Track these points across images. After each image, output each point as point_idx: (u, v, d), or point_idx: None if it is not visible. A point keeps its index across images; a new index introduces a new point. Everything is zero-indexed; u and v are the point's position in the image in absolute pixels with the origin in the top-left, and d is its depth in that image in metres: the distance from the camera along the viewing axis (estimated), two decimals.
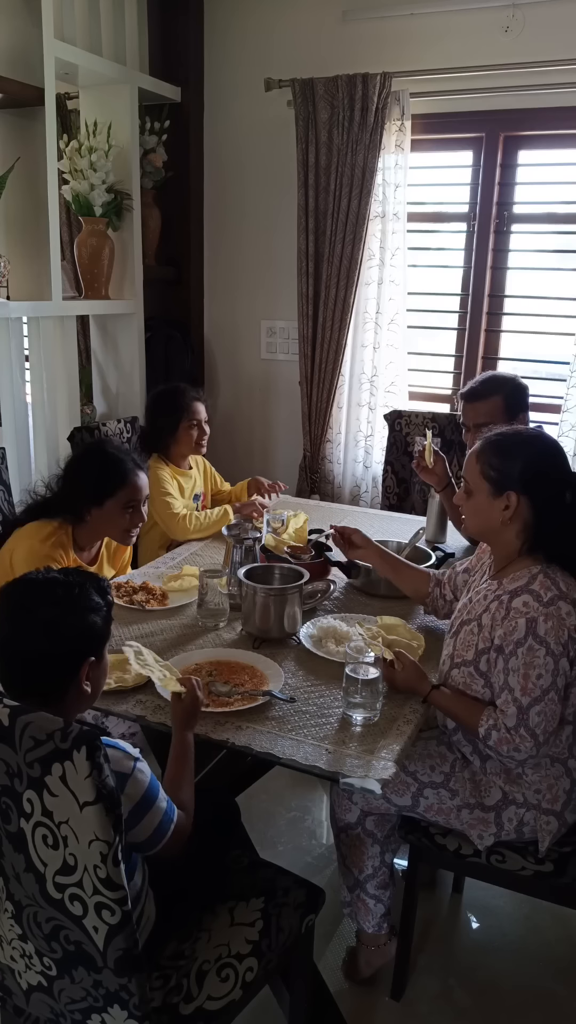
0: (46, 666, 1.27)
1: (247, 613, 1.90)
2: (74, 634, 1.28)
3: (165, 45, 3.44)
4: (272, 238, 3.58)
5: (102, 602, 1.34)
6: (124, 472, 2.09)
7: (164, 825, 1.29)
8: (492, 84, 2.99)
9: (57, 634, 1.27)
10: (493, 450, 1.63)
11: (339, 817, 1.84)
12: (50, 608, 1.28)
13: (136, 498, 2.11)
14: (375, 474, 3.49)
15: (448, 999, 1.92)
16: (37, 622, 1.26)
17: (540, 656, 1.50)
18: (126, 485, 2.09)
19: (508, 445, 1.63)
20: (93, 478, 2.09)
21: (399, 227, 3.24)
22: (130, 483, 2.09)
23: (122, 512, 2.10)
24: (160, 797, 1.29)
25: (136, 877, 1.31)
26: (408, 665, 1.67)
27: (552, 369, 3.24)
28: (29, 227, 2.87)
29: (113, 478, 2.08)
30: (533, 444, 1.64)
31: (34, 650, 1.26)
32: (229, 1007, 1.35)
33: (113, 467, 2.10)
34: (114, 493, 2.07)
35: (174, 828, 1.30)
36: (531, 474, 1.59)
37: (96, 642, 1.33)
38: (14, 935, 1.26)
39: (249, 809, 2.33)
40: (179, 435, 2.76)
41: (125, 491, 2.09)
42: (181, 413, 2.75)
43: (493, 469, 1.61)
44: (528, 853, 1.68)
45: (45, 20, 2.70)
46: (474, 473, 1.65)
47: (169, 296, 3.71)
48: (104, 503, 2.07)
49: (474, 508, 1.67)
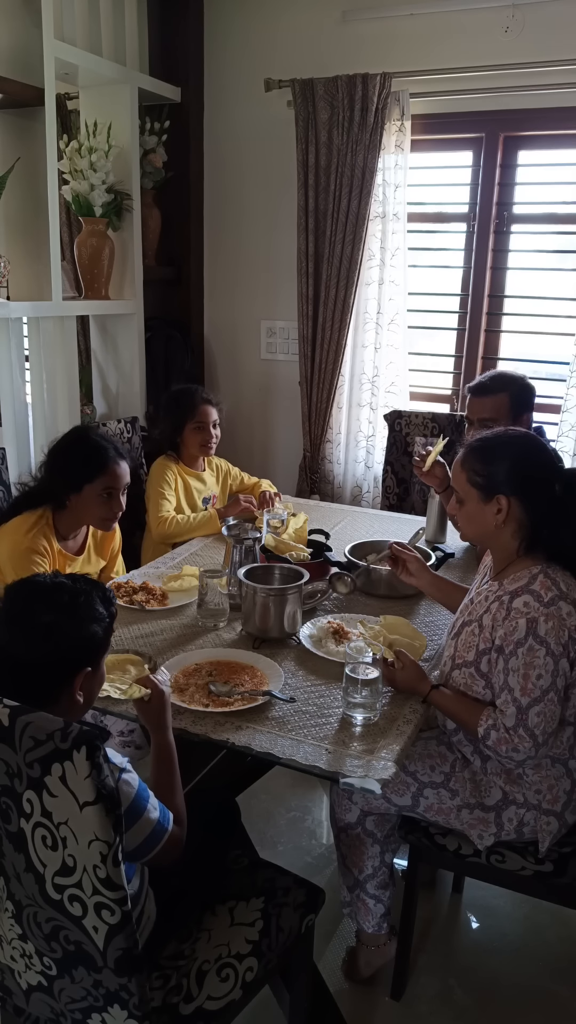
0: (40, 672, 1.25)
1: (247, 613, 1.90)
2: (72, 642, 1.27)
3: (165, 45, 3.44)
4: (272, 238, 3.58)
5: (105, 613, 1.33)
6: (104, 459, 2.11)
7: (157, 834, 1.27)
8: (492, 84, 2.99)
9: (55, 640, 1.26)
10: (476, 456, 1.64)
11: (339, 817, 1.84)
12: (51, 613, 1.27)
13: (114, 485, 2.12)
14: (375, 474, 3.49)
15: (448, 999, 1.92)
16: (37, 626, 1.26)
17: (540, 656, 1.50)
18: (105, 471, 2.11)
19: (490, 449, 1.63)
20: (73, 463, 2.11)
21: (399, 227, 3.24)
22: (109, 470, 2.11)
23: (99, 498, 2.11)
24: (150, 806, 1.26)
25: (135, 878, 1.31)
26: (408, 665, 1.67)
27: (552, 369, 3.24)
28: (29, 227, 2.87)
29: (92, 463, 2.10)
30: (514, 444, 1.64)
31: (29, 654, 1.25)
32: (229, 1007, 1.36)
33: (93, 453, 2.12)
34: (92, 478, 2.09)
35: (168, 837, 1.29)
36: (517, 474, 1.60)
37: (94, 652, 1.31)
38: (14, 935, 1.26)
39: (249, 809, 2.33)
40: (185, 436, 2.78)
41: (104, 477, 2.10)
42: (187, 414, 2.76)
43: (479, 475, 1.62)
44: (528, 853, 1.68)
45: (45, 20, 2.70)
46: (461, 481, 1.66)
47: (169, 296, 3.71)
48: (82, 488, 2.09)
49: (467, 516, 1.67)
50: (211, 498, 2.87)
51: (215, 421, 2.81)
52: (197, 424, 2.76)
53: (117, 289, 3.35)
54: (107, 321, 3.42)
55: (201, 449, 2.80)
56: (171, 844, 1.30)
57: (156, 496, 2.67)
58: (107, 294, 3.29)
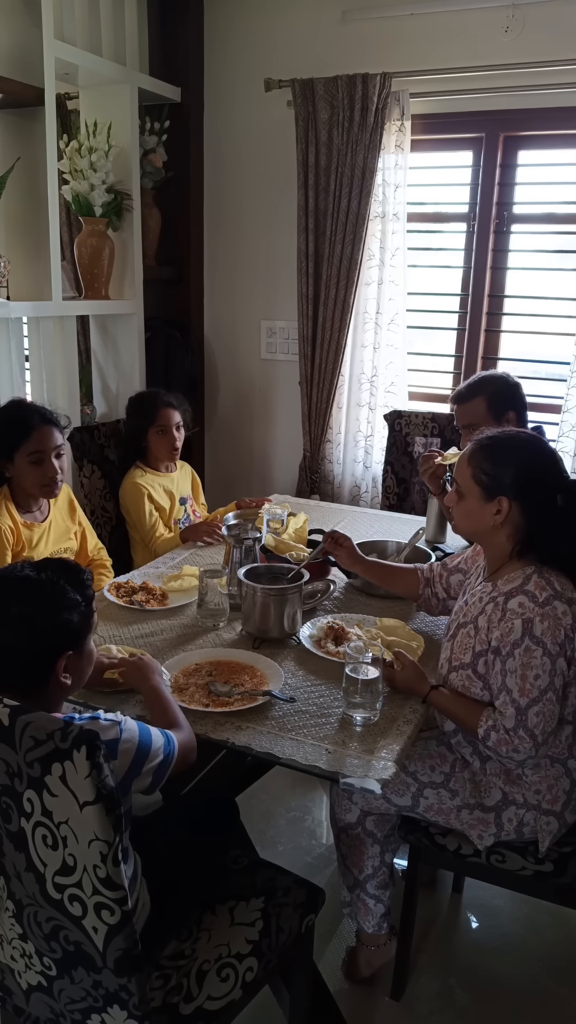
0: (20, 660, 1.27)
1: (247, 613, 1.90)
2: (47, 632, 1.29)
3: (165, 45, 3.44)
4: (272, 238, 3.58)
5: (79, 598, 1.33)
6: (28, 425, 2.13)
7: (167, 758, 1.32)
8: (492, 84, 2.99)
9: (29, 632, 1.27)
10: (485, 454, 1.62)
11: (339, 817, 1.84)
12: (21, 606, 1.28)
13: (40, 449, 2.13)
14: (375, 474, 3.49)
15: (448, 999, 1.92)
16: (9, 620, 1.27)
17: (537, 656, 1.50)
18: (29, 437, 2.12)
19: (500, 449, 1.61)
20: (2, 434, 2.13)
21: (399, 227, 3.24)
22: (32, 436, 2.13)
23: (29, 464, 2.13)
24: (154, 737, 1.30)
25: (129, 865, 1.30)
26: (408, 665, 1.67)
27: (552, 369, 3.24)
28: (29, 227, 2.87)
29: (15, 430, 2.12)
30: (525, 449, 1.62)
31: (6, 647, 1.27)
32: (229, 1007, 1.35)
33: (16, 421, 2.14)
34: (18, 445, 2.11)
35: (177, 749, 1.34)
36: (524, 480, 1.58)
37: (73, 636, 1.33)
38: (14, 935, 1.27)
39: (249, 809, 2.33)
40: (149, 440, 2.75)
41: (29, 443, 2.12)
42: (148, 418, 2.73)
43: (485, 474, 1.60)
44: (528, 853, 1.68)
45: (45, 20, 2.70)
46: (465, 476, 1.64)
47: (169, 296, 3.71)
48: (13, 457, 2.12)
49: (465, 511, 1.66)
50: (188, 499, 2.86)
51: (178, 424, 2.77)
52: (160, 428, 2.73)
53: (117, 289, 3.35)
54: (107, 321, 3.42)
55: (167, 454, 2.77)
56: (182, 753, 1.36)
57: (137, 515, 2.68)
58: (107, 294, 3.29)
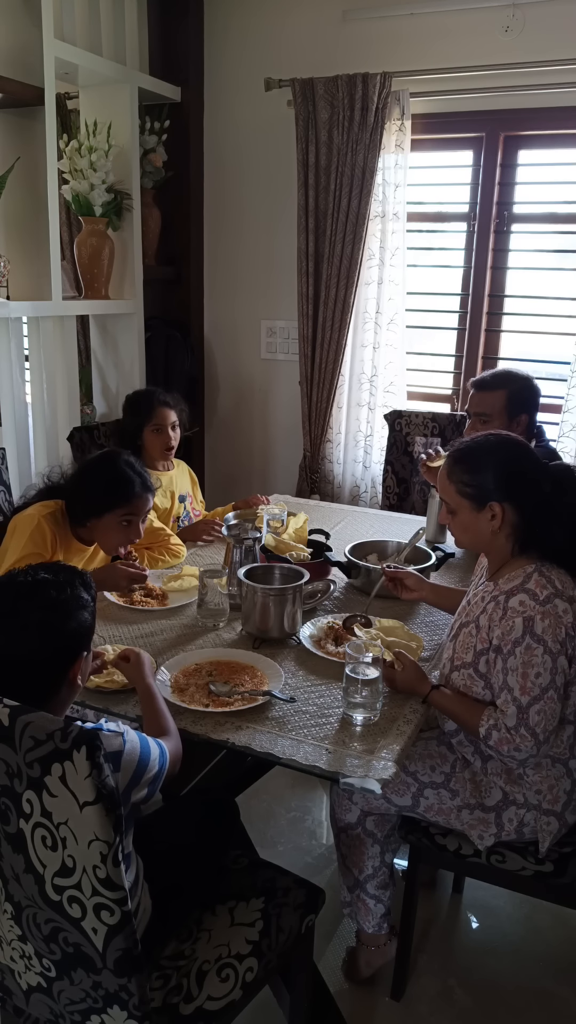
0: (39, 668, 1.27)
1: (247, 613, 1.89)
2: (66, 635, 1.29)
3: (165, 45, 3.43)
4: (272, 238, 3.58)
5: (88, 597, 1.36)
6: (129, 493, 2.06)
7: (161, 770, 1.32)
8: (492, 84, 2.99)
9: (49, 637, 1.27)
10: (462, 467, 1.63)
11: (339, 817, 1.84)
12: (39, 611, 1.28)
13: (134, 512, 2.08)
14: (375, 474, 3.49)
15: (448, 999, 1.92)
16: (27, 626, 1.26)
17: (538, 655, 1.50)
18: (129, 504, 2.06)
19: (475, 458, 1.62)
20: (99, 491, 2.06)
21: (399, 227, 3.24)
22: (132, 504, 2.07)
23: (118, 525, 2.06)
24: (151, 749, 1.30)
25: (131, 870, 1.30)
26: (408, 665, 1.67)
27: (552, 369, 3.23)
28: (29, 227, 2.87)
29: (117, 495, 2.06)
30: (499, 450, 1.63)
31: (25, 654, 1.26)
32: (229, 1007, 1.35)
33: (119, 485, 2.07)
34: (114, 509, 2.05)
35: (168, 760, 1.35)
36: (506, 479, 1.59)
37: (87, 637, 1.35)
38: (14, 936, 1.26)
39: (249, 809, 2.33)
40: (145, 439, 2.73)
41: (125, 508, 2.06)
42: (144, 417, 2.72)
43: (467, 485, 1.61)
44: (528, 853, 1.68)
45: (45, 20, 2.70)
46: (450, 493, 1.65)
47: (169, 296, 3.71)
48: (103, 516, 2.06)
49: (462, 525, 1.66)
50: (187, 497, 2.86)
51: (174, 423, 2.75)
52: (155, 427, 2.71)
53: (117, 289, 3.35)
54: (107, 321, 3.42)
55: (162, 453, 2.75)
56: (172, 764, 1.38)
57: None
58: (107, 294, 3.29)
